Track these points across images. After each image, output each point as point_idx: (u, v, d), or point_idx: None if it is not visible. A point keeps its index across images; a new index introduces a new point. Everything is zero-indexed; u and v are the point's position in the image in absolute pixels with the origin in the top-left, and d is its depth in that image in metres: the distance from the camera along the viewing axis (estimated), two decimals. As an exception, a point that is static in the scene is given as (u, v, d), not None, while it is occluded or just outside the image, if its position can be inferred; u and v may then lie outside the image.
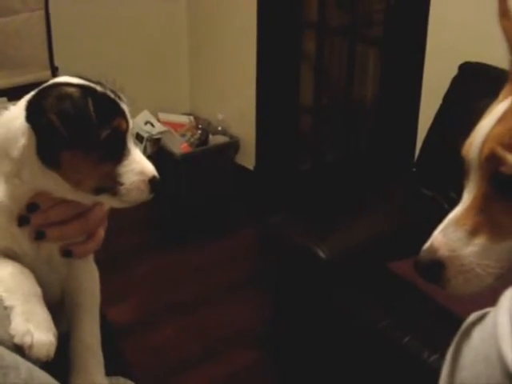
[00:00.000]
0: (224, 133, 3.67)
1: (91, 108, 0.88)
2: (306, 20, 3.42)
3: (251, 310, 2.82)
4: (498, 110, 0.75)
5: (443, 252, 0.74)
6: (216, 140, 3.62)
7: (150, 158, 3.26)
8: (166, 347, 2.64)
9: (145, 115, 3.67)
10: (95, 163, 0.89)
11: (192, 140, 3.54)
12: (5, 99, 3.23)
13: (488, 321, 0.65)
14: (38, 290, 0.88)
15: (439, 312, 2.02)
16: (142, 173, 0.92)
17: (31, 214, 0.91)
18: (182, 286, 3.01)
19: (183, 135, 3.61)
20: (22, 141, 0.89)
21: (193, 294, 2.94)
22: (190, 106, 3.94)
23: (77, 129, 0.87)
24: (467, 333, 0.69)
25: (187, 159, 3.45)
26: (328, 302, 2.18)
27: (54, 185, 0.90)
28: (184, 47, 3.84)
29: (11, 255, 0.92)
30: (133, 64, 3.68)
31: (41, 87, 0.90)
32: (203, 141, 3.55)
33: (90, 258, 1.02)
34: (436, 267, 0.74)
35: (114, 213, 3.22)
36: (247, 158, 3.65)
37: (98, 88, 0.92)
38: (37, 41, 3.28)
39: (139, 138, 3.58)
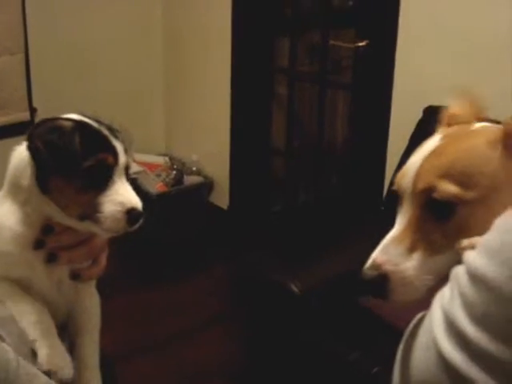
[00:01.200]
0: (198, 173, 3.76)
1: (77, 140, 0.97)
2: (277, 66, 3.55)
3: (225, 346, 2.87)
4: (428, 145, 0.87)
5: (387, 266, 0.84)
6: (190, 180, 3.70)
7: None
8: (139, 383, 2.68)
9: (121, 156, 3.73)
10: (78, 191, 0.97)
11: (167, 180, 3.62)
12: (-17, 139, 3.29)
13: (426, 319, 0.76)
14: (53, 324, 0.99)
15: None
16: (120, 203, 0.98)
17: (46, 236, 1.00)
18: (156, 323, 3.05)
19: (158, 175, 3.69)
20: (29, 170, 0.98)
21: (167, 331, 2.99)
22: (165, 147, 4.03)
23: (60, 157, 0.96)
24: (412, 333, 0.79)
25: (162, 198, 3.53)
26: (300, 336, 2.25)
27: (52, 210, 0.99)
28: (159, 89, 3.95)
29: (26, 283, 1.01)
30: (108, 105, 3.75)
31: (43, 119, 1.00)
32: (178, 181, 3.64)
33: (93, 284, 1.12)
34: (380, 281, 0.84)
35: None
36: (221, 197, 3.73)
37: (94, 125, 1.01)
38: (16, 83, 3.36)
39: (115, 177, 3.64)
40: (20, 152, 1.00)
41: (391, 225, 2.75)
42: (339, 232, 2.61)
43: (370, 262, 0.86)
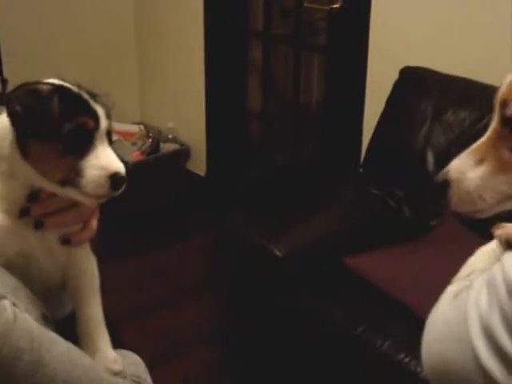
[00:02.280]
0: (174, 140, 3.74)
1: (56, 103, 0.95)
2: (251, 29, 3.52)
3: (210, 312, 2.89)
4: None
5: (452, 173, 0.87)
6: (167, 148, 3.68)
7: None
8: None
9: (95, 125, 3.69)
10: (58, 155, 0.95)
11: (143, 148, 3.60)
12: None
13: (458, 306, 0.82)
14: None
15: (391, 303, 2.13)
16: (102, 168, 0.97)
17: (31, 204, 0.98)
18: (139, 290, 3.05)
19: (134, 144, 3.66)
20: (10, 137, 0.96)
21: (151, 299, 2.99)
22: (140, 115, 3.99)
23: (38, 121, 0.94)
24: (444, 314, 0.88)
25: (139, 167, 3.50)
26: (284, 299, 2.27)
27: (34, 177, 0.98)
28: (132, 56, 3.89)
29: (21, 257, 1.00)
30: (81, 74, 3.70)
31: (22, 83, 0.98)
32: (154, 149, 3.62)
33: (87, 247, 1.10)
34: (443, 186, 0.87)
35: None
36: (198, 164, 3.72)
37: (74, 89, 1.00)
38: (-15, 53, 3.29)
39: (91, 147, 3.60)
40: (0, 121, 0.98)
41: (371, 186, 2.75)
42: (318, 194, 2.61)
43: (447, 167, 0.89)
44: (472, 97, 2.42)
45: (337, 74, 3.11)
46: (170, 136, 3.74)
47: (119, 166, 0.99)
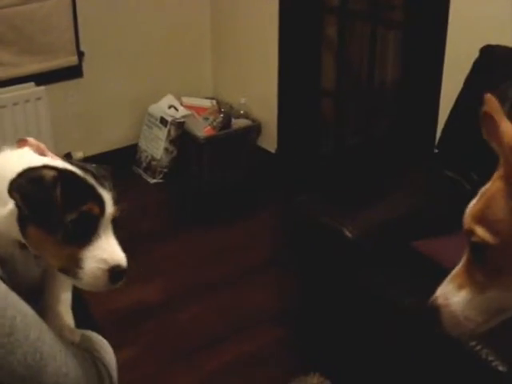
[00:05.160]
0: (246, 116, 3.72)
1: (59, 192, 0.91)
2: (327, 5, 3.45)
3: (276, 290, 2.88)
4: (482, 190, 0.99)
5: (440, 300, 0.98)
6: (238, 124, 3.67)
7: (173, 141, 3.36)
8: (191, 326, 2.71)
9: (168, 99, 3.73)
10: (58, 244, 0.92)
11: (215, 124, 3.60)
12: (32, 84, 3.31)
13: None
14: None
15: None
16: (103, 261, 0.93)
17: None
18: (207, 267, 3.07)
19: (206, 119, 3.67)
20: (10, 205, 0.94)
21: (218, 275, 3.01)
22: (213, 90, 3.99)
23: (39, 210, 0.91)
24: None
25: (210, 142, 3.51)
26: (353, 281, 2.24)
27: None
28: (207, 32, 3.89)
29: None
30: (157, 49, 3.74)
31: (28, 167, 0.94)
32: (226, 124, 3.61)
33: None
34: (432, 312, 0.99)
35: (138, 196, 3.30)
36: (269, 141, 3.70)
37: (79, 173, 0.96)
38: (63, 27, 3.35)
39: (163, 121, 3.64)
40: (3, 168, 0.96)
41: (446, 169, 2.67)
42: (390, 176, 2.56)
43: (434, 293, 1.01)
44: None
45: (413, 51, 3.02)
46: (241, 112, 3.72)
47: (120, 258, 0.95)
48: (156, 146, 3.67)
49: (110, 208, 0.96)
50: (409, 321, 2.10)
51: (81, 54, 3.44)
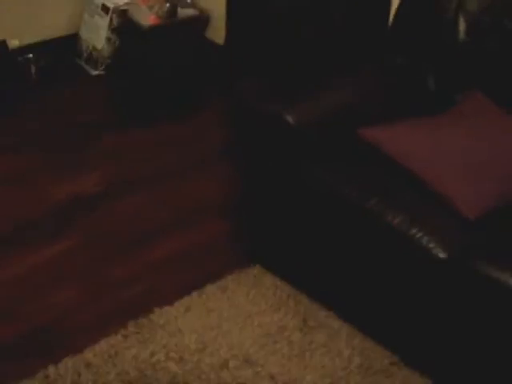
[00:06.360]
0: (194, 6, 3.55)
1: None
2: None
3: (221, 183, 2.81)
4: None
5: None
6: (185, 13, 3.50)
7: (115, 30, 3.12)
8: (134, 217, 2.64)
9: (111, -14, 3.52)
10: None
11: (160, 12, 3.41)
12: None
13: None
14: None
15: (406, 177, 2.03)
16: None
17: None
18: (151, 159, 2.98)
19: (151, 7, 3.48)
20: None
21: (162, 168, 2.92)
22: (158, -23, 3.78)
23: None
24: None
25: (155, 32, 3.33)
26: (296, 170, 2.17)
27: None
28: None
29: None
30: None
31: None
32: (172, 13, 3.43)
33: None
34: None
35: (79, 88, 3.10)
36: (217, 32, 3.55)
37: None
38: None
39: (105, 9, 3.44)
40: None
41: (395, 55, 2.56)
42: (340, 63, 2.46)
43: None
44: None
45: None
46: (188, 1, 3.54)
47: None
48: (97, 36, 3.49)
49: None
50: (351, 210, 2.05)
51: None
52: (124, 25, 3.43)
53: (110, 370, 2.01)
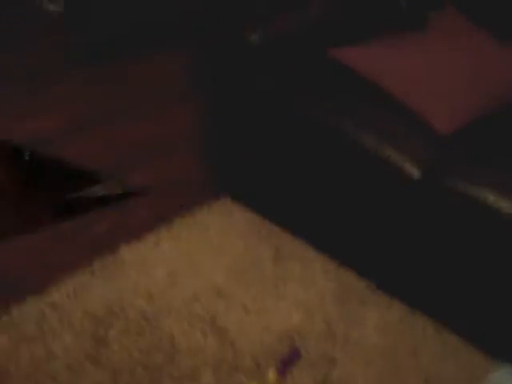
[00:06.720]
0: None
1: None
2: None
3: (185, 121, 2.70)
4: None
5: None
6: None
7: None
8: (97, 154, 2.54)
9: None
10: None
11: None
12: None
13: None
14: None
15: (378, 97, 1.95)
16: None
17: None
18: (112, 99, 2.87)
19: None
20: None
21: (122, 107, 2.82)
22: None
23: None
24: None
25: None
26: (266, 93, 2.06)
27: None
28: None
29: None
30: None
31: None
32: None
33: None
34: None
35: (36, 29, 2.87)
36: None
37: None
38: None
39: None
40: None
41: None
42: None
43: None
44: None
45: None
46: None
47: None
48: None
49: None
50: (322, 133, 1.97)
51: None
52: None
53: (75, 309, 1.93)
